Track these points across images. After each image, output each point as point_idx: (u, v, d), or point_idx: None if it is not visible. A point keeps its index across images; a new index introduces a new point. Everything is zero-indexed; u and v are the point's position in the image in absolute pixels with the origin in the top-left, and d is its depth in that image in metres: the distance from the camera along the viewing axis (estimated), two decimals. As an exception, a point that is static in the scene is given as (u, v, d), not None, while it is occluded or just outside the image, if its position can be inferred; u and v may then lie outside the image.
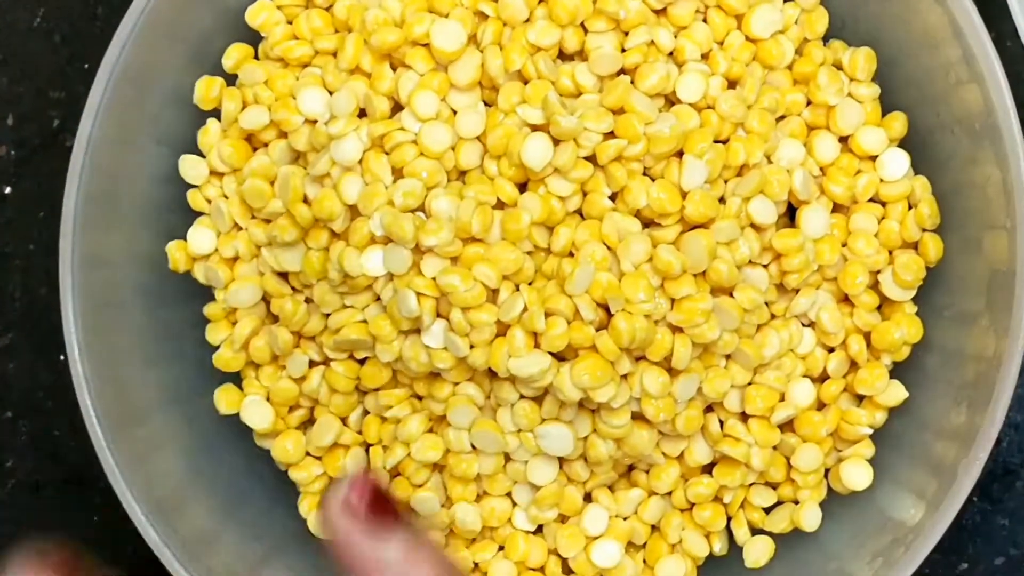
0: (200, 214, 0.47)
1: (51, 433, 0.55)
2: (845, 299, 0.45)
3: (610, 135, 0.41)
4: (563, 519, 0.46)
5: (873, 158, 0.45)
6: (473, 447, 0.44)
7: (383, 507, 0.31)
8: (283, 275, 0.45)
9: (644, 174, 0.42)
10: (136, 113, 0.45)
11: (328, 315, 0.44)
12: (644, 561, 0.46)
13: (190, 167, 0.46)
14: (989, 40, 0.41)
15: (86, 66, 0.54)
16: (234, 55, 0.46)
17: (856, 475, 0.45)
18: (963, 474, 0.40)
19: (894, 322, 0.44)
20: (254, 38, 0.46)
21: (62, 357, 0.44)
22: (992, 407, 0.40)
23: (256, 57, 0.47)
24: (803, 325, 0.45)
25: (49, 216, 0.53)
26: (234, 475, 0.48)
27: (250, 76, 0.45)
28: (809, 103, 0.45)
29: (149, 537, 0.43)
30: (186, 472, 0.47)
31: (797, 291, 0.44)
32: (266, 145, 0.45)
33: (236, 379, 0.47)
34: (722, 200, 0.43)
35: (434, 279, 0.41)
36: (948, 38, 0.42)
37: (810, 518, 0.45)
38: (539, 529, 0.46)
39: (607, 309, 0.41)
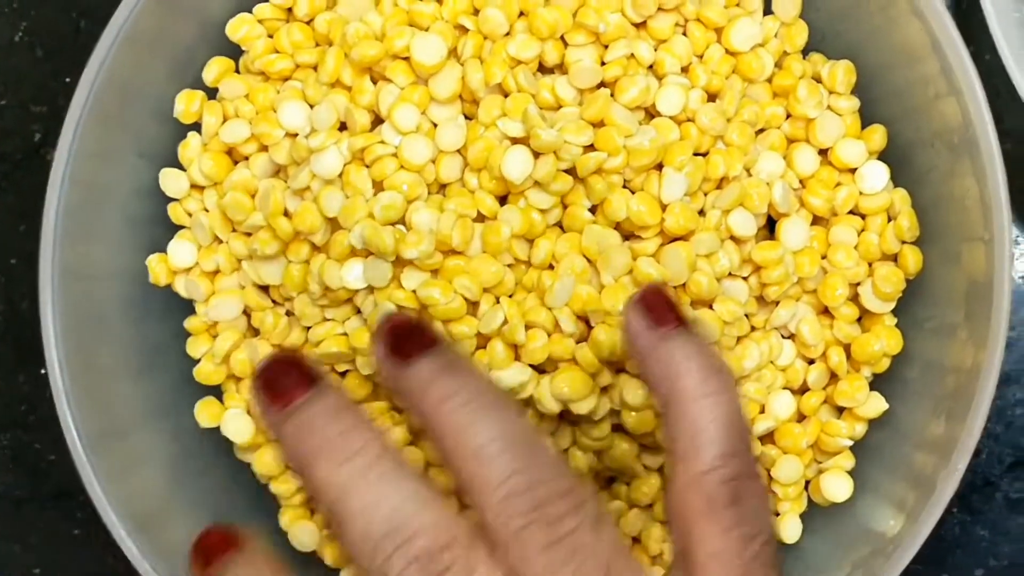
0: (181, 227, 0.47)
1: (33, 446, 0.55)
2: (825, 311, 0.45)
3: (590, 148, 0.42)
4: (544, 532, 0.45)
5: (853, 171, 0.45)
6: (454, 460, 0.44)
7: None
8: (264, 288, 0.45)
9: (624, 187, 0.42)
10: (117, 126, 0.45)
11: (309, 328, 0.44)
12: (626, 573, 0.46)
13: (171, 181, 0.46)
14: (967, 54, 0.41)
15: (68, 80, 0.54)
16: (215, 69, 0.46)
17: (836, 487, 0.45)
18: (942, 485, 0.41)
19: (874, 334, 0.44)
20: (235, 52, 0.47)
21: (44, 371, 0.44)
22: (970, 418, 0.40)
23: (237, 71, 0.47)
24: (783, 337, 0.45)
25: (31, 230, 0.53)
26: (216, 488, 0.48)
27: (231, 90, 0.45)
28: (789, 116, 0.45)
29: (130, 552, 0.43)
30: (168, 486, 0.47)
31: (777, 303, 0.44)
32: (247, 159, 0.45)
33: (217, 392, 0.47)
34: (702, 212, 0.43)
35: (414, 292, 0.41)
36: (927, 52, 0.42)
37: (791, 530, 0.45)
38: (520, 542, 0.46)
39: (587, 321, 0.41)
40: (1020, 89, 0.45)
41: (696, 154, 0.43)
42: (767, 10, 0.46)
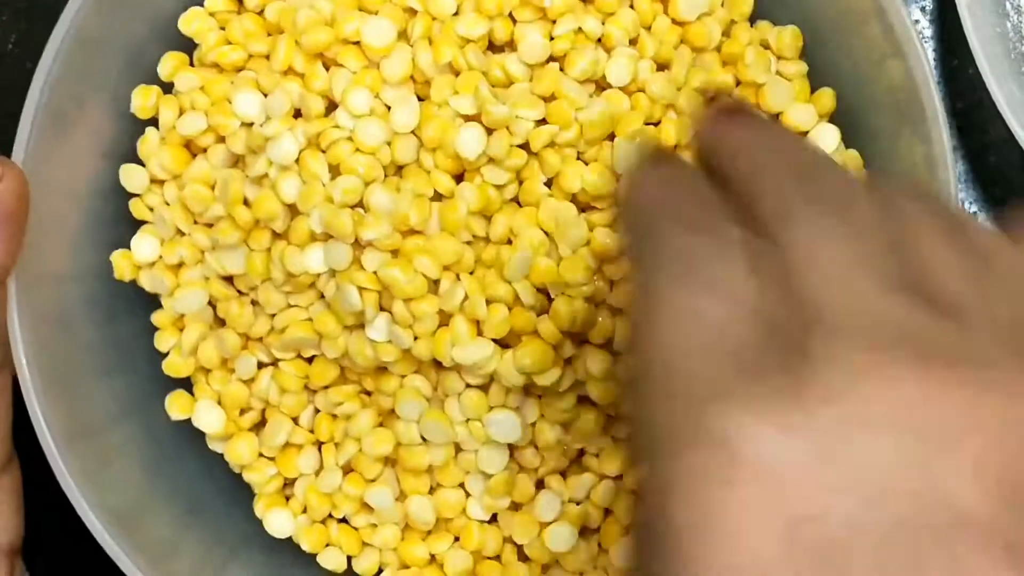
0: (143, 223, 0.47)
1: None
2: (783, 275, 0.45)
3: (542, 122, 0.42)
4: (516, 507, 0.46)
5: (804, 134, 0.45)
6: (424, 439, 0.44)
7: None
8: (228, 279, 0.46)
9: (578, 159, 0.43)
10: (74, 126, 0.45)
11: (274, 315, 0.44)
12: (599, 544, 0.46)
13: (131, 176, 0.46)
14: (908, 17, 0.42)
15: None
16: (169, 63, 0.46)
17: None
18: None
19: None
20: (188, 46, 0.47)
21: (18, 371, 0.44)
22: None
23: (191, 64, 0.47)
24: (743, 302, 0.45)
25: None
26: (191, 481, 0.48)
27: (186, 83, 0.46)
28: (739, 83, 0.46)
29: (108, 547, 0.44)
30: (143, 480, 0.47)
31: (735, 268, 0.45)
32: (205, 150, 0.46)
33: (187, 385, 0.48)
34: (656, 182, 0.43)
35: (375, 273, 0.41)
36: (869, 15, 0.43)
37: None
38: (493, 518, 0.46)
39: (547, 294, 0.42)
40: (999, 102, 0.45)
41: (648, 123, 0.43)
42: (713, -20, 0.47)
